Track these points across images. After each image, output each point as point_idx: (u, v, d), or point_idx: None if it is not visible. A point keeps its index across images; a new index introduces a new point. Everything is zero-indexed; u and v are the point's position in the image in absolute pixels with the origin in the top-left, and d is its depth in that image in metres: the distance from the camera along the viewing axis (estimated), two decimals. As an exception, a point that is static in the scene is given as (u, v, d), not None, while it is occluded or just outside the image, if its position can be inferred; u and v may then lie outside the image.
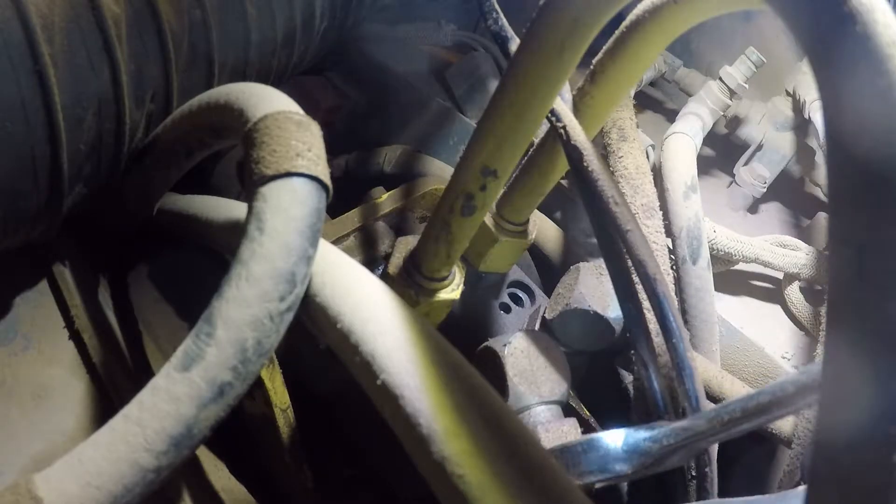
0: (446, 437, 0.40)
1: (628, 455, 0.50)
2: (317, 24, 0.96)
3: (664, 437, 0.50)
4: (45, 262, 0.70)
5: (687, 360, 0.59)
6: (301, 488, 0.71)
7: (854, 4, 0.26)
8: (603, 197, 0.60)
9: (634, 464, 0.50)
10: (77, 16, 0.56)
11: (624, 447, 0.51)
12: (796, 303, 1.13)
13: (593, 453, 0.51)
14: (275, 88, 0.56)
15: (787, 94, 1.43)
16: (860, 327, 0.25)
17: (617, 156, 0.89)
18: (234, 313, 0.43)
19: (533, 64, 0.53)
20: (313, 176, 0.48)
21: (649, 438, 0.51)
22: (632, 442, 0.51)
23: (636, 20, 0.57)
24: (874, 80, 0.24)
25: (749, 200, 1.35)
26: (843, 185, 0.25)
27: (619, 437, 0.51)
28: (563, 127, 0.63)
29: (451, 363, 0.44)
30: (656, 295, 0.59)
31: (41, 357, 0.66)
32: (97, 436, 0.41)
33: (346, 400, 0.80)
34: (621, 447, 0.51)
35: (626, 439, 0.51)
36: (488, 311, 0.90)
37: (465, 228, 0.66)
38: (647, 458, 0.50)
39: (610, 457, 0.50)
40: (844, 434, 0.26)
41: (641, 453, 0.50)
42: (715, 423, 0.48)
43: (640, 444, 0.51)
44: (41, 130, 0.55)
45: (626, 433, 0.52)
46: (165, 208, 0.73)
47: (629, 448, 0.51)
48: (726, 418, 0.48)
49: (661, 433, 0.51)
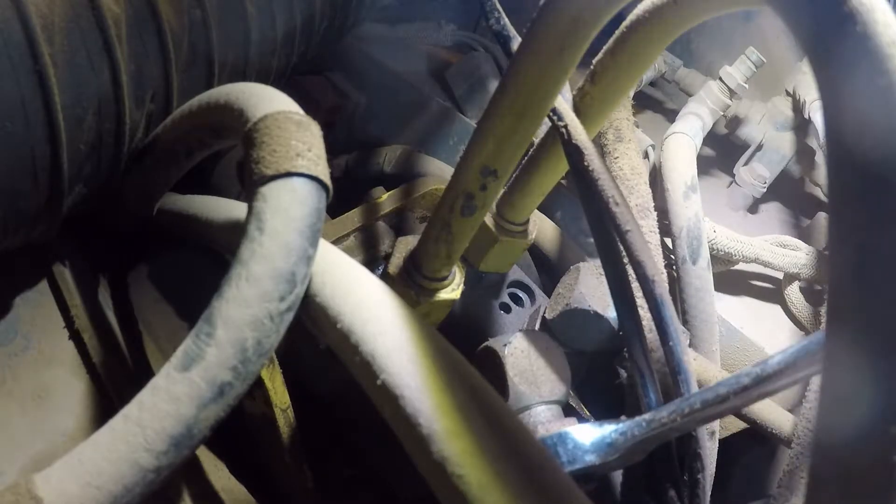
0: (446, 437, 0.40)
1: (596, 447, 0.54)
2: (317, 24, 0.96)
3: (629, 429, 0.53)
4: (45, 262, 0.70)
5: (683, 362, 0.60)
6: (301, 488, 0.71)
7: (854, 4, 0.26)
8: (603, 197, 0.60)
9: (603, 455, 0.53)
10: (77, 16, 0.56)
11: (592, 440, 0.54)
12: (796, 303, 1.13)
13: (562, 446, 0.54)
14: (275, 88, 0.56)
15: (787, 94, 1.43)
16: (860, 327, 0.25)
17: (613, 156, 0.89)
18: (234, 313, 0.43)
19: (533, 64, 0.53)
20: (313, 176, 0.48)
21: (616, 431, 0.54)
22: (599, 435, 0.54)
23: (636, 20, 0.57)
24: (874, 80, 0.24)
25: (749, 200, 1.35)
26: (843, 185, 0.25)
27: (586, 431, 0.55)
28: (564, 126, 0.63)
29: (452, 363, 0.44)
30: (654, 296, 0.59)
31: (41, 357, 0.66)
32: (97, 436, 0.41)
33: (346, 400, 0.80)
34: (589, 440, 0.54)
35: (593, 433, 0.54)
36: (488, 311, 0.90)
37: (465, 228, 0.66)
38: (613, 450, 0.53)
39: (579, 449, 0.54)
40: (844, 434, 0.26)
41: (608, 445, 0.53)
42: (676, 416, 0.51)
43: (608, 436, 0.54)
44: (41, 130, 0.55)
45: (592, 427, 0.55)
46: (165, 208, 0.73)
47: (597, 441, 0.54)
48: (687, 410, 0.50)
49: (626, 426, 0.54)
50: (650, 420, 0.52)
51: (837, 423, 0.26)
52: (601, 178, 0.61)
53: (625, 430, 0.53)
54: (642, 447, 0.54)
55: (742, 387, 0.47)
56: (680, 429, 0.52)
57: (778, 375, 0.46)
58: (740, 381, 0.47)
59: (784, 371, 0.45)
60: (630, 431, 0.53)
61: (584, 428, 0.55)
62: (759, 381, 0.46)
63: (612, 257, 0.63)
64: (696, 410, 0.49)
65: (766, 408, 0.84)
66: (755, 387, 0.47)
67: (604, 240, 0.63)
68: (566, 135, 0.63)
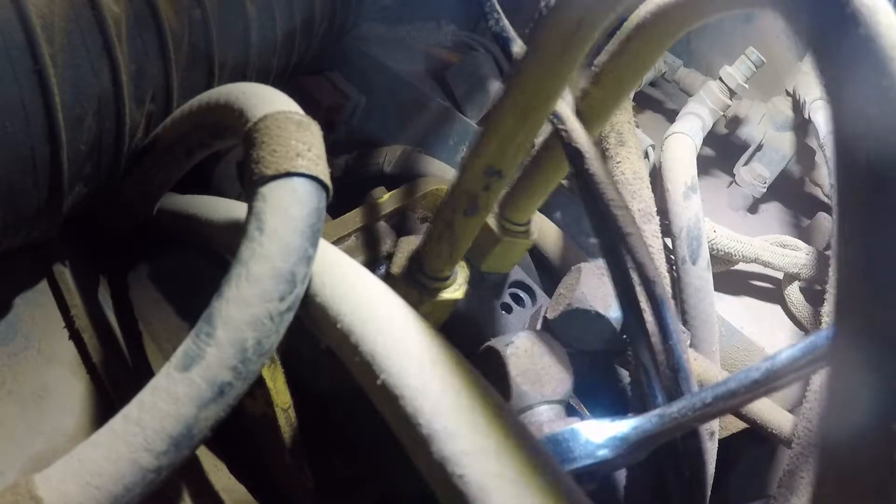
0: (446, 437, 0.40)
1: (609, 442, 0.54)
2: (317, 24, 0.96)
3: (641, 425, 0.54)
4: (45, 262, 0.70)
5: (683, 362, 0.60)
6: (302, 488, 0.71)
7: (857, 6, 0.26)
8: (604, 199, 0.60)
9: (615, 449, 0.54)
10: (77, 16, 0.56)
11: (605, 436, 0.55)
12: (796, 303, 1.13)
13: (575, 442, 0.55)
14: (275, 88, 0.55)
15: (787, 94, 1.43)
16: (866, 326, 0.25)
17: (615, 161, 0.89)
18: (234, 313, 0.43)
19: (536, 65, 0.53)
20: (313, 176, 0.48)
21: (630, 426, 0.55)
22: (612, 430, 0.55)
23: (639, 21, 0.57)
24: (878, 82, 0.24)
25: (749, 200, 1.35)
26: (848, 186, 0.25)
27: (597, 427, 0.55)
28: (564, 129, 0.63)
29: (452, 363, 0.44)
30: (655, 297, 0.59)
31: (41, 357, 0.66)
32: (97, 436, 0.41)
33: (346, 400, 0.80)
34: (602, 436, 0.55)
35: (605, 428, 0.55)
36: (490, 312, 0.90)
37: (468, 228, 0.66)
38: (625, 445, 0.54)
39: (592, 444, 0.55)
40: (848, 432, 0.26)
41: (621, 440, 0.54)
42: (687, 411, 0.51)
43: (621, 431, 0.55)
44: (41, 130, 0.55)
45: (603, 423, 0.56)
46: (165, 208, 0.73)
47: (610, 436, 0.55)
48: (699, 404, 0.51)
49: (639, 421, 0.54)
50: (661, 415, 0.53)
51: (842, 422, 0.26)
52: (602, 181, 0.61)
53: (637, 426, 0.54)
54: (648, 444, 0.54)
55: (752, 381, 0.48)
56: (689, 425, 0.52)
57: (786, 370, 0.46)
58: (750, 375, 0.48)
59: (793, 366, 0.46)
60: (642, 426, 0.54)
61: (595, 424, 0.56)
62: (769, 376, 0.47)
63: (616, 258, 0.63)
64: (707, 405, 0.50)
65: (767, 408, 0.84)
66: (765, 382, 0.47)
67: (608, 240, 0.63)
68: (566, 137, 0.63)
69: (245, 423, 0.70)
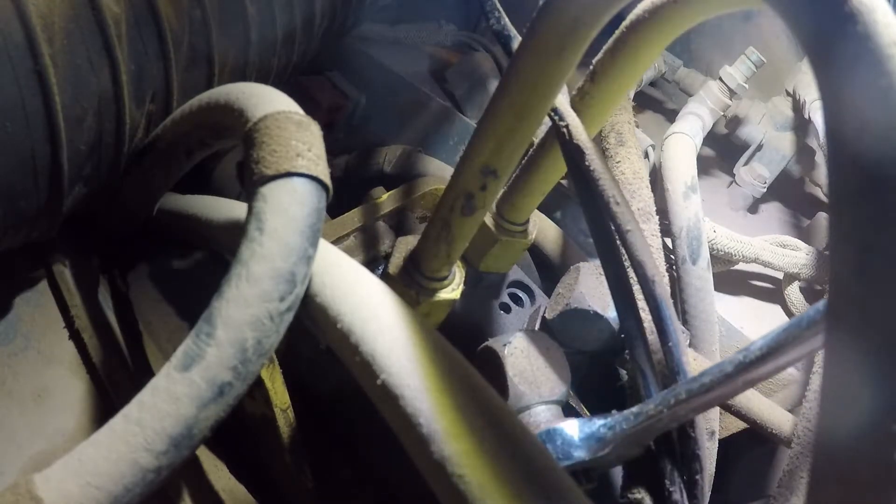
0: (446, 437, 0.40)
1: (585, 442, 0.54)
2: (317, 24, 0.96)
3: (617, 423, 0.53)
4: (45, 262, 0.70)
5: (682, 363, 0.60)
6: (301, 488, 0.71)
7: (855, 4, 0.26)
8: (604, 197, 0.60)
9: (592, 450, 0.54)
10: (77, 16, 0.56)
11: (581, 435, 0.54)
12: (796, 303, 1.13)
13: (551, 443, 0.55)
14: (275, 88, 0.55)
15: (787, 94, 1.43)
16: (861, 325, 0.25)
17: (615, 160, 0.89)
18: (234, 313, 0.43)
19: (533, 63, 0.53)
20: (313, 176, 0.48)
21: (604, 426, 0.54)
22: (588, 430, 0.54)
23: (636, 20, 0.57)
24: (875, 80, 0.24)
25: (749, 200, 1.35)
26: (843, 184, 0.25)
27: (576, 427, 0.55)
28: (565, 126, 0.63)
29: (451, 363, 0.44)
30: (654, 297, 0.59)
31: (41, 357, 0.66)
32: (97, 436, 0.41)
33: (346, 400, 0.80)
34: (578, 436, 0.54)
35: (582, 428, 0.55)
36: (488, 311, 0.90)
37: (465, 228, 0.66)
38: (602, 445, 0.54)
39: (569, 445, 0.54)
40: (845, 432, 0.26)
41: (598, 439, 0.54)
42: (662, 407, 0.50)
43: (596, 431, 0.54)
44: (41, 130, 0.55)
45: (581, 422, 0.55)
46: (165, 208, 0.73)
47: (586, 436, 0.54)
48: (672, 400, 0.50)
49: (614, 420, 0.54)
50: (637, 413, 0.52)
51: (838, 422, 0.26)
52: (602, 178, 0.61)
53: (612, 424, 0.53)
54: (635, 441, 0.54)
55: (725, 374, 0.47)
56: (669, 421, 0.51)
57: (761, 361, 0.45)
58: (723, 368, 0.47)
59: (767, 356, 0.44)
60: (618, 425, 0.53)
61: (574, 423, 0.55)
62: (742, 368, 0.46)
63: (611, 257, 0.63)
64: (681, 401, 0.49)
65: (766, 408, 0.84)
66: (739, 374, 0.46)
67: (603, 240, 0.63)
68: (567, 134, 0.63)
69: (245, 423, 0.70)
